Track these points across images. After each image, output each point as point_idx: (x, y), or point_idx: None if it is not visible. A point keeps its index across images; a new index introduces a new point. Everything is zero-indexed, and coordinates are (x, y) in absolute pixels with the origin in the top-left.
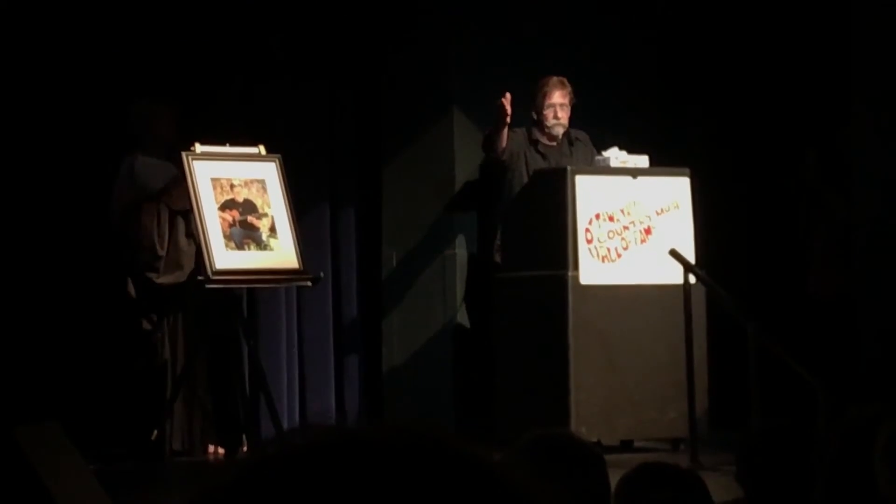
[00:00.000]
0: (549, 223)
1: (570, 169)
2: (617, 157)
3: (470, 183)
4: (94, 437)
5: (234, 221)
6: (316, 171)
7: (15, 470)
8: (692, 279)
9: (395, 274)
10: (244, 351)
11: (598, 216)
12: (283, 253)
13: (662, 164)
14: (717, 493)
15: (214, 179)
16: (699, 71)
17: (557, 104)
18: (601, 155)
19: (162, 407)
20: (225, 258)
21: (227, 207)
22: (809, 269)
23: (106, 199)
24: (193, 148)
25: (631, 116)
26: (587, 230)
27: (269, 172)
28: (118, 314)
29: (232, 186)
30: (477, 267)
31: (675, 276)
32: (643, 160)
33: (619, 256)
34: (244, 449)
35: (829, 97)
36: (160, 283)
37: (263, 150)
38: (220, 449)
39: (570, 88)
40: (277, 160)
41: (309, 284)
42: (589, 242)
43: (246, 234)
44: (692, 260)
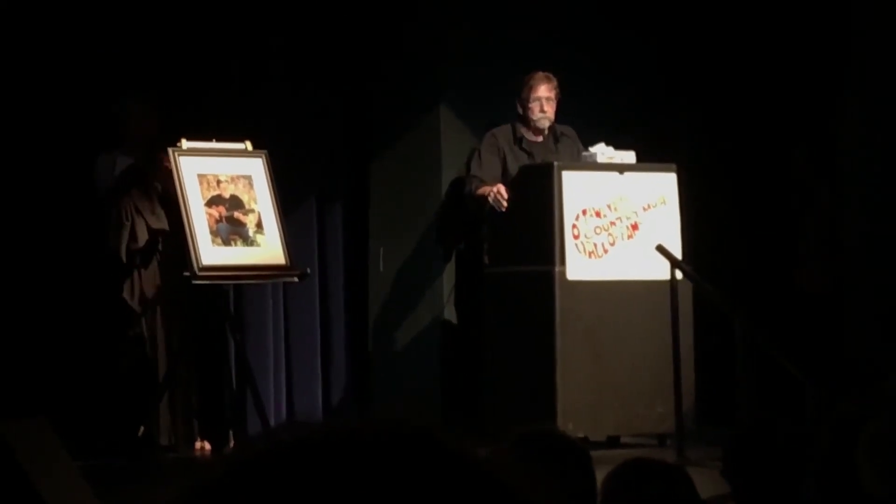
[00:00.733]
0: (536, 219)
1: (556, 165)
2: (604, 152)
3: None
4: (80, 433)
5: (220, 217)
6: (303, 166)
7: (1, 466)
8: (679, 275)
9: (382, 270)
10: (231, 347)
11: (584, 212)
12: (269, 249)
13: (649, 159)
14: (703, 488)
15: (201, 175)
16: (687, 67)
17: (543, 97)
18: (588, 151)
19: (149, 403)
20: (212, 254)
21: (213, 203)
22: (797, 263)
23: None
24: (180, 144)
25: (618, 112)
26: (574, 226)
27: (255, 168)
28: (106, 310)
29: (219, 182)
30: (464, 262)
31: (661, 271)
32: (630, 156)
33: (605, 252)
34: (231, 445)
35: (816, 92)
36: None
37: (250, 145)
38: (206, 445)
39: (555, 83)
40: (264, 156)
41: (296, 280)
42: (576, 238)
43: (233, 230)
44: (679, 256)
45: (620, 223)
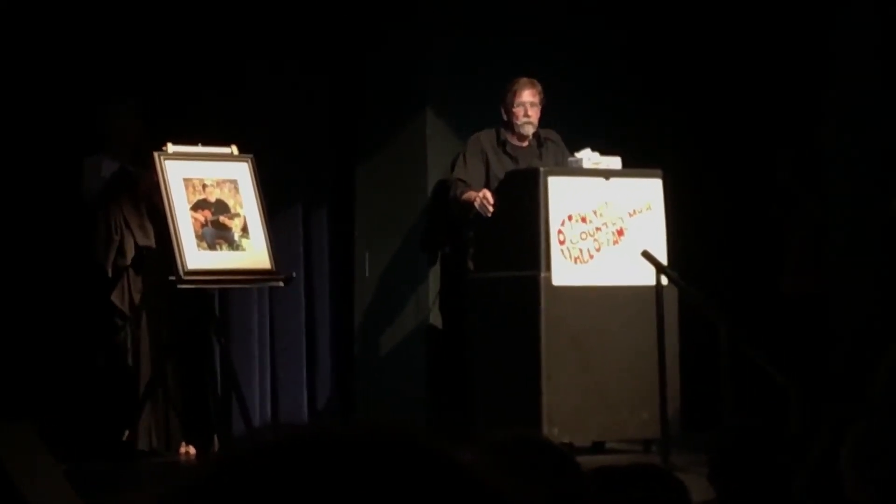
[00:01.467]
0: (521, 224)
1: (542, 170)
2: (589, 158)
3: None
4: (65, 436)
5: (206, 221)
6: (288, 171)
7: None
8: (664, 280)
9: (367, 274)
10: (216, 351)
11: (570, 217)
12: (255, 253)
13: (635, 165)
14: None
15: (186, 179)
16: (672, 73)
17: (527, 102)
18: (574, 156)
19: (133, 407)
20: (197, 258)
21: (199, 207)
22: (783, 268)
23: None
24: (165, 148)
25: (604, 118)
26: (560, 231)
27: (241, 173)
28: (90, 314)
29: (204, 186)
30: (450, 267)
31: (647, 277)
32: (616, 161)
33: (591, 258)
34: (216, 448)
35: (801, 98)
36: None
37: (236, 150)
38: (191, 449)
39: (540, 88)
40: (250, 160)
41: (281, 284)
42: (561, 244)
43: (218, 234)
44: (664, 261)
45: (606, 229)
